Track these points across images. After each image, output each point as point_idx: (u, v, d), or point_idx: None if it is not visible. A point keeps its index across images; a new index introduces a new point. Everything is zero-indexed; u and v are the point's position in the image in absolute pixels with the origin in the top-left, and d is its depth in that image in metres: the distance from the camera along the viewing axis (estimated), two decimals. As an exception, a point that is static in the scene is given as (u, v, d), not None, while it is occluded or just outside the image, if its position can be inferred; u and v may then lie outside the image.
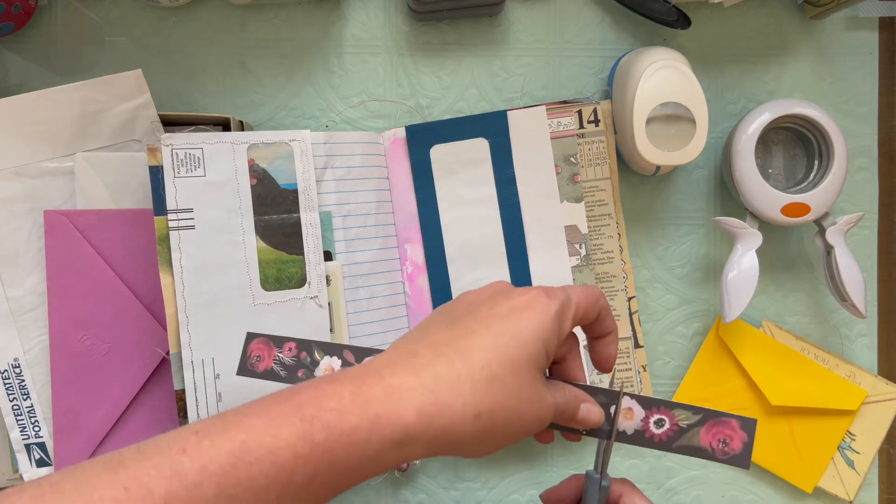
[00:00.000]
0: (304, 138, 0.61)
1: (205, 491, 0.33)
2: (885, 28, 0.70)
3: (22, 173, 0.60)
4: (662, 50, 0.62)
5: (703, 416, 0.44)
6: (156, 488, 0.32)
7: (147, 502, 0.32)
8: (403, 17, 0.69)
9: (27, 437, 0.60)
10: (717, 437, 0.44)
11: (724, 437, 0.44)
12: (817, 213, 0.63)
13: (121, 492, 0.32)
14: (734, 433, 0.44)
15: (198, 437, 0.34)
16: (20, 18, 0.65)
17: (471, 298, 0.43)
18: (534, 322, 0.40)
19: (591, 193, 0.66)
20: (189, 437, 0.34)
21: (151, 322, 0.61)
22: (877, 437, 0.68)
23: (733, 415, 0.43)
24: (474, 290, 0.44)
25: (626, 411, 0.45)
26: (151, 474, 0.33)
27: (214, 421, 0.35)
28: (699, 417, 0.44)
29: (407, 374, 0.37)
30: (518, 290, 0.43)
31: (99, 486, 0.32)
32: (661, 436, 0.45)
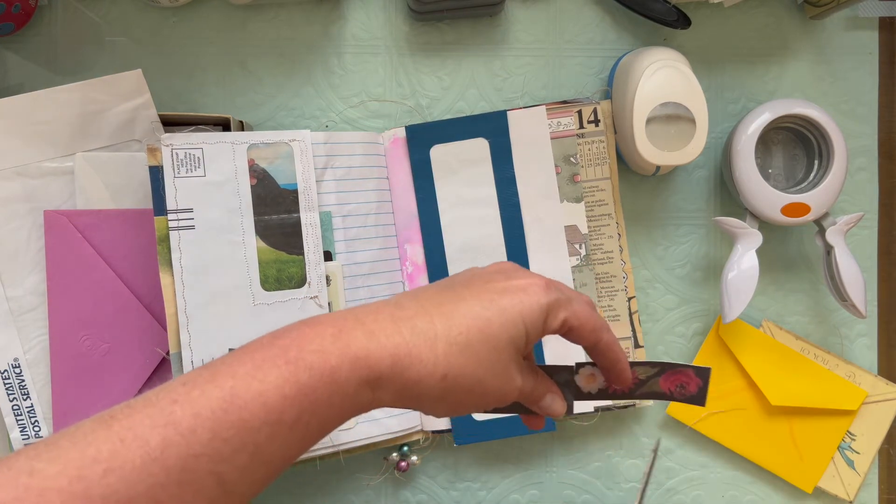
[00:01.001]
0: (304, 138, 0.61)
1: (199, 436, 0.34)
2: (885, 28, 0.70)
3: (22, 173, 0.60)
4: (662, 50, 0.63)
5: (661, 369, 0.48)
6: (151, 437, 0.33)
7: (143, 451, 0.33)
8: (403, 17, 0.69)
9: (27, 437, 0.60)
10: (674, 384, 0.49)
11: (681, 383, 0.49)
12: (817, 213, 0.63)
13: (116, 443, 0.33)
14: (690, 380, 0.48)
15: (187, 388, 0.35)
16: (20, 18, 0.65)
17: (474, 272, 0.45)
18: (523, 305, 0.41)
19: (591, 193, 0.66)
20: (178, 388, 0.35)
21: (151, 322, 0.61)
22: (877, 438, 0.68)
23: (688, 364, 0.48)
24: (480, 266, 0.45)
25: (588, 377, 0.49)
26: (145, 424, 0.33)
27: (201, 371, 0.36)
28: (657, 370, 0.48)
29: (387, 322, 0.39)
30: (520, 272, 0.44)
31: (94, 440, 0.33)
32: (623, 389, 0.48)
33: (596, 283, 0.66)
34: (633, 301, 0.67)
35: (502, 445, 0.69)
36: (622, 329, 0.66)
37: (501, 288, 0.42)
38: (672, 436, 0.70)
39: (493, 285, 0.42)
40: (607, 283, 0.66)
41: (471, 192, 0.65)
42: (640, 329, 0.67)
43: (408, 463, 0.66)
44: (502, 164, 0.65)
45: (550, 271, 0.65)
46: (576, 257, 0.65)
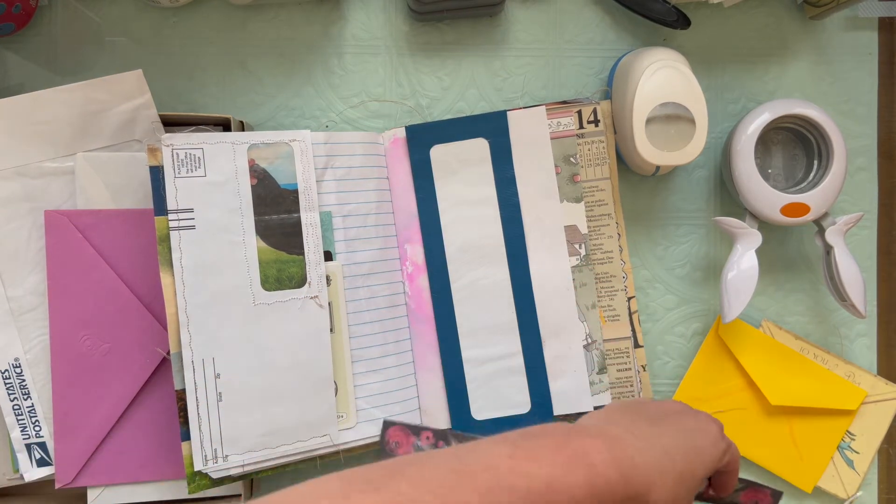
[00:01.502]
0: (304, 138, 0.61)
1: None
2: (885, 28, 0.70)
3: (22, 173, 0.60)
4: (662, 50, 0.63)
5: (746, 485, 0.56)
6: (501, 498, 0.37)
7: None
8: (403, 17, 0.69)
9: (28, 437, 0.61)
10: (752, 499, 0.57)
11: (757, 500, 0.56)
12: (817, 213, 0.63)
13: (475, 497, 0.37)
14: (765, 497, 0.57)
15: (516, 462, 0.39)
16: (20, 19, 0.65)
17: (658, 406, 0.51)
18: (714, 449, 0.48)
19: (591, 193, 0.66)
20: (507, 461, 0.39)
21: (152, 322, 0.61)
22: (876, 437, 0.68)
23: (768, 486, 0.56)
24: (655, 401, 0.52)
25: None
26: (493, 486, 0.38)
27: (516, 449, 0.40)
28: (743, 485, 0.56)
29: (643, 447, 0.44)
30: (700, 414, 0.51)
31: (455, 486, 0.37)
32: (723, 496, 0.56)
33: (596, 283, 0.66)
34: (632, 301, 0.67)
35: (502, 445, 0.69)
36: (622, 329, 0.66)
37: (693, 428, 0.48)
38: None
39: (685, 423, 0.49)
40: (607, 283, 0.66)
41: (471, 192, 0.65)
42: (639, 329, 0.67)
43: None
44: (502, 165, 0.65)
45: (550, 271, 0.65)
46: (575, 257, 0.65)
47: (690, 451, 0.46)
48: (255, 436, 0.58)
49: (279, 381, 0.59)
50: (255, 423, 0.58)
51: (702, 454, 0.47)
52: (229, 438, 0.58)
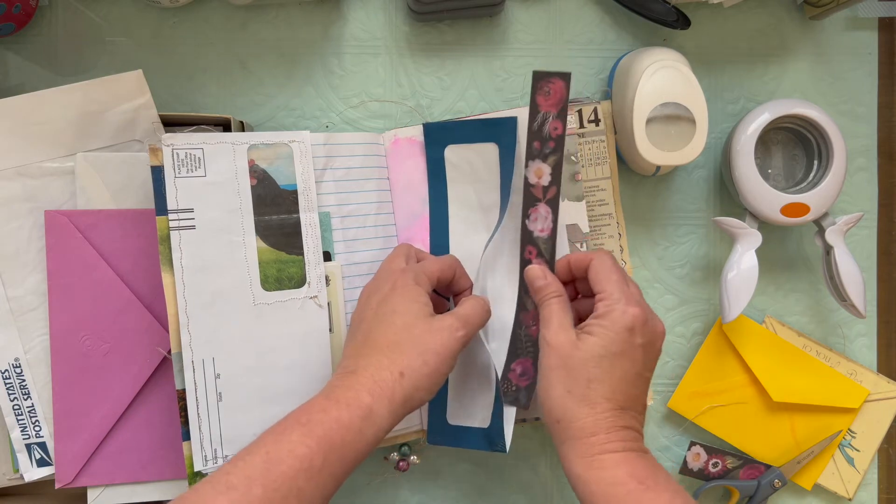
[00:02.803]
0: (304, 139, 0.61)
1: (255, 492, 0.44)
2: (885, 28, 0.70)
3: (23, 173, 0.60)
4: (662, 50, 0.63)
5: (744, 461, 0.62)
6: (218, 500, 0.44)
7: None
8: (403, 17, 0.69)
9: (28, 437, 0.61)
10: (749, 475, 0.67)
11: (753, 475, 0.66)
12: (817, 213, 0.63)
13: None
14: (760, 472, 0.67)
15: (231, 463, 0.46)
16: (21, 19, 0.65)
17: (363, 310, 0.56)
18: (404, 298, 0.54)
19: (592, 193, 0.66)
20: (225, 465, 0.46)
21: (152, 322, 0.61)
22: (877, 436, 0.68)
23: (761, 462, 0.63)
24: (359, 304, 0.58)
25: None
26: (209, 494, 0.44)
27: (239, 454, 0.47)
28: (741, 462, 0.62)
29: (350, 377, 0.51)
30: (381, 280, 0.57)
31: None
32: None
33: (596, 283, 0.66)
34: (632, 301, 0.67)
35: (502, 445, 0.69)
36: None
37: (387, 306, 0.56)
38: (673, 429, 0.70)
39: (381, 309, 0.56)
40: (607, 283, 0.66)
41: (480, 199, 0.65)
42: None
43: (407, 463, 0.66)
44: (508, 169, 0.64)
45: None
46: (576, 257, 0.65)
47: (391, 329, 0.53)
48: (255, 435, 0.58)
49: (279, 381, 0.59)
50: (254, 422, 0.58)
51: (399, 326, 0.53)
52: (229, 438, 0.58)
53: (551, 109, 0.58)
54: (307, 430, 0.47)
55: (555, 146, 0.59)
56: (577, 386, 0.52)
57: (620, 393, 0.52)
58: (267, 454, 0.45)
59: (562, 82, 0.58)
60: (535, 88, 0.58)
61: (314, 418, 0.47)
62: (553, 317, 0.55)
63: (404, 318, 0.53)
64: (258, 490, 0.44)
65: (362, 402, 0.49)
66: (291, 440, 0.46)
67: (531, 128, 0.59)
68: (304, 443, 0.46)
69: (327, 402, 0.49)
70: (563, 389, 0.52)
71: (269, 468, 0.45)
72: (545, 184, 0.59)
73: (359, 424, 0.48)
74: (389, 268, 0.58)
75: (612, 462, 0.50)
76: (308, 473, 0.45)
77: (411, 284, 0.55)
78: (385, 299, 0.54)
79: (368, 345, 0.53)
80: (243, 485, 0.44)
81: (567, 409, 0.52)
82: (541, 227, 0.60)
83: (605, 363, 0.52)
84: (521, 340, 0.61)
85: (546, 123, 0.59)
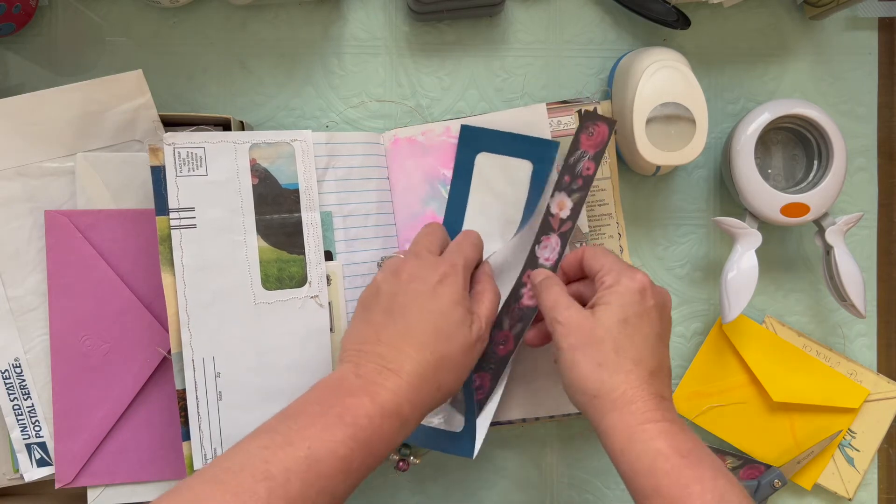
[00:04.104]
0: (305, 138, 0.61)
1: (293, 485, 0.44)
2: (885, 28, 0.70)
3: (23, 173, 0.60)
4: (662, 50, 0.63)
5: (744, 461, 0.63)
6: (259, 490, 0.43)
7: (255, 500, 0.42)
8: (403, 17, 0.69)
9: (28, 437, 0.61)
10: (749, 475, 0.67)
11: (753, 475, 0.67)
12: (817, 213, 0.63)
13: (232, 497, 0.42)
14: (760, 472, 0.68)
15: (271, 451, 0.45)
16: (21, 19, 0.65)
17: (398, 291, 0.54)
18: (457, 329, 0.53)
19: (592, 193, 0.66)
20: (261, 451, 0.45)
21: (152, 322, 0.61)
22: (877, 436, 0.68)
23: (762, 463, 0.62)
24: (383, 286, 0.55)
25: None
26: (249, 481, 0.43)
27: (273, 436, 0.46)
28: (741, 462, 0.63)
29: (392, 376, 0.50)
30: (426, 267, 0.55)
31: (214, 495, 0.43)
32: None
33: (596, 283, 0.66)
34: (633, 301, 0.67)
35: (502, 445, 0.69)
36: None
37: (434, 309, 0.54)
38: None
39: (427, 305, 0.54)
40: (607, 283, 0.66)
41: (500, 211, 0.64)
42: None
43: (407, 463, 0.66)
44: (537, 192, 0.63)
45: (551, 271, 0.65)
46: (576, 257, 0.65)
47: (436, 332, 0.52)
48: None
49: (279, 381, 0.59)
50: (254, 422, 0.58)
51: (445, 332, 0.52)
52: (229, 437, 0.58)
53: (589, 150, 0.60)
54: (352, 432, 0.47)
55: (582, 184, 0.60)
56: (606, 356, 0.51)
57: (647, 356, 0.52)
58: (309, 449, 0.45)
59: (606, 127, 0.59)
60: (581, 127, 0.60)
61: (360, 423, 0.47)
62: (559, 299, 0.55)
63: (449, 327, 0.53)
64: (296, 484, 0.44)
65: (402, 413, 0.50)
66: (335, 440, 0.46)
67: (567, 161, 0.60)
68: (348, 445, 0.46)
69: (373, 405, 0.48)
70: (593, 364, 0.52)
71: (311, 465, 0.45)
72: (563, 217, 0.60)
73: (396, 433, 0.50)
74: (433, 256, 0.56)
75: (654, 433, 0.49)
76: (345, 474, 0.46)
77: (461, 285, 0.54)
78: (434, 293, 0.53)
79: (410, 342, 0.52)
80: (282, 476, 0.44)
81: (603, 381, 0.51)
82: (547, 256, 0.61)
83: (628, 328, 0.52)
84: (487, 357, 0.61)
85: (581, 161, 0.60)
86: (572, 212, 0.60)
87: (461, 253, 0.57)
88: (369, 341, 0.52)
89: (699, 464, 0.49)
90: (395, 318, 0.53)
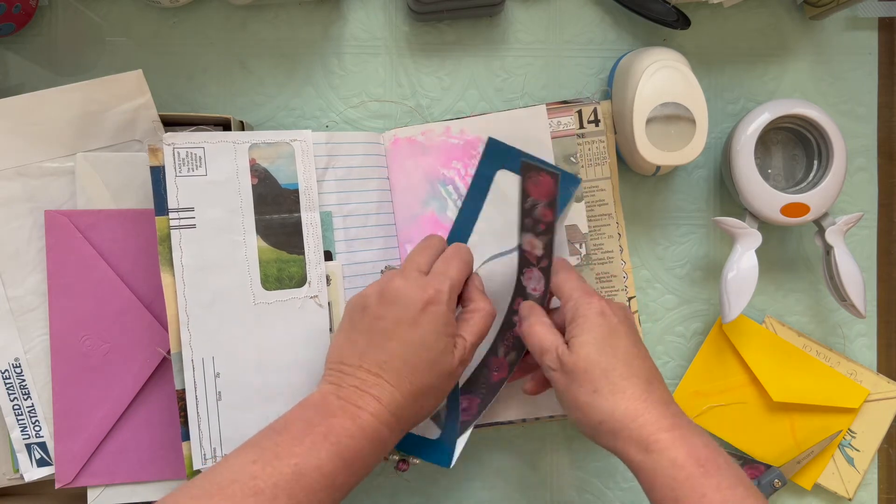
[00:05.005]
0: (305, 138, 0.61)
1: (280, 501, 0.46)
2: (885, 28, 0.70)
3: (23, 173, 0.60)
4: (662, 50, 0.63)
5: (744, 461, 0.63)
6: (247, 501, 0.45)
7: None
8: (403, 17, 0.69)
9: (28, 437, 0.61)
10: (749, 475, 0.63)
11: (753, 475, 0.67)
12: (817, 213, 0.63)
13: None
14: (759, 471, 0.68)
15: (258, 466, 0.47)
16: (21, 19, 0.65)
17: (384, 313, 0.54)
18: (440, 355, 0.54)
19: (591, 193, 0.66)
20: (250, 466, 0.47)
21: (152, 322, 0.61)
22: (877, 436, 0.68)
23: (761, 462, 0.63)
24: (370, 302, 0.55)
25: None
26: (238, 496, 0.45)
27: (261, 452, 0.48)
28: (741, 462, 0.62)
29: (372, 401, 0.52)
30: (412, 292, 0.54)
31: None
32: None
33: (596, 283, 0.66)
34: (633, 301, 0.67)
35: (502, 445, 0.69)
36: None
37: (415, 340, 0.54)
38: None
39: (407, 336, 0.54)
40: (607, 283, 0.66)
41: (510, 229, 0.64)
42: (640, 329, 0.67)
43: (407, 463, 0.66)
44: None
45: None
46: (576, 257, 0.65)
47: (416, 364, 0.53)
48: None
49: (279, 381, 0.59)
50: (254, 422, 0.58)
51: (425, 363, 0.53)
52: (228, 438, 0.58)
53: (541, 199, 0.60)
54: (336, 451, 0.49)
55: (545, 228, 0.61)
56: (598, 383, 0.52)
57: (635, 367, 0.53)
58: (296, 466, 0.47)
59: (551, 179, 0.60)
60: (524, 177, 0.60)
61: (343, 442, 0.49)
62: (543, 341, 0.56)
63: (431, 356, 0.53)
64: (283, 499, 0.46)
65: (382, 436, 0.51)
66: (320, 457, 0.48)
67: (523, 206, 0.61)
68: (333, 462, 0.48)
69: (354, 426, 0.50)
70: (588, 393, 0.52)
71: (297, 480, 0.47)
72: (538, 254, 0.61)
73: (377, 453, 0.52)
74: (421, 277, 0.55)
75: (669, 442, 0.50)
76: (330, 489, 0.48)
77: (444, 312, 0.54)
78: (416, 323, 0.53)
79: (390, 373, 0.52)
80: (270, 491, 0.45)
81: (603, 407, 0.52)
82: (534, 287, 0.62)
83: (606, 350, 0.53)
84: (479, 381, 0.62)
85: (536, 209, 0.61)
86: (545, 251, 0.61)
87: (447, 275, 0.55)
88: (350, 363, 0.53)
89: (717, 472, 0.49)
90: (375, 345, 0.53)
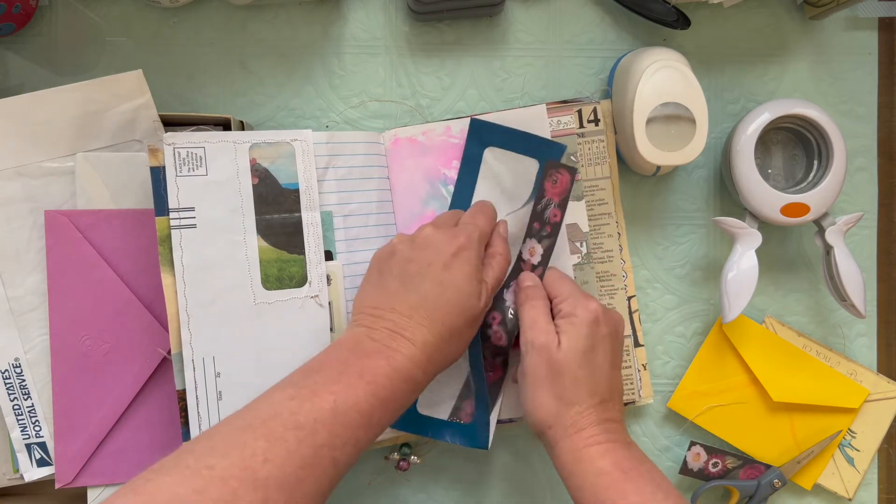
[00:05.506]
0: (306, 138, 0.61)
1: (321, 434, 0.46)
2: (885, 28, 0.70)
3: (23, 173, 0.60)
4: (662, 50, 0.63)
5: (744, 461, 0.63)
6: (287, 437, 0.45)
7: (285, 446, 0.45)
8: (403, 17, 0.69)
9: (28, 437, 0.60)
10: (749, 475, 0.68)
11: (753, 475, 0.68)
12: (817, 213, 0.63)
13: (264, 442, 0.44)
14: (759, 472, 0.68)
15: (297, 402, 0.47)
16: (21, 19, 0.65)
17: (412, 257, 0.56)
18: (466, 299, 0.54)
19: (591, 192, 0.66)
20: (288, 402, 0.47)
21: (152, 322, 0.61)
22: (877, 436, 0.68)
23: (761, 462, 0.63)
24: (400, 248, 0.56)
25: None
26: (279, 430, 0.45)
27: (299, 389, 0.49)
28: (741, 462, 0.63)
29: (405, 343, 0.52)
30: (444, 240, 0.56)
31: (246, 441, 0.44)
32: None
33: (596, 282, 0.66)
34: (633, 300, 0.67)
35: (502, 445, 0.69)
36: (622, 329, 0.66)
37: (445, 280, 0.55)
38: (673, 429, 0.70)
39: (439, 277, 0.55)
40: (607, 282, 0.66)
41: (504, 206, 0.65)
42: (640, 328, 0.67)
43: (408, 462, 0.66)
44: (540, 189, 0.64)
45: (551, 271, 0.65)
46: (577, 255, 0.65)
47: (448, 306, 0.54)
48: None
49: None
50: (255, 422, 0.58)
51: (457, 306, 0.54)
52: (230, 438, 0.58)
53: (555, 197, 0.61)
54: (373, 390, 0.49)
55: (551, 231, 0.62)
56: (564, 389, 0.55)
57: (601, 386, 0.56)
58: (335, 403, 0.48)
59: (568, 175, 0.61)
60: (545, 174, 0.61)
61: (379, 381, 0.50)
62: (539, 317, 0.58)
63: (461, 300, 0.54)
64: (323, 434, 0.46)
65: (415, 378, 0.52)
66: (357, 396, 0.49)
67: (535, 209, 0.62)
68: (369, 401, 0.49)
69: (390, 367, 0.51)
70: (552, 396, 0.56)
71: (336, 417, 0.47)
72: (535, 262, 0.62)
73: (410, 395, 0.52)
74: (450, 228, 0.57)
75: (598, 453, 0.53)
76: (367, 427, 0.49)
77: (475, 258, 0.55)
78: (448, 266, 0.54)
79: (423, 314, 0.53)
80: (310, 426, 0.46)
81: (559, 414, 0.55)
82: None
83: (585, 359, 0.55)
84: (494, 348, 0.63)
85: (548, 209, 0.61)
86: (543, 258, 0.62)
87: (476, 224, 0.58)
88: (382, 307, 0.54)
89: (639, 478, 0.52)
90: (408, 288, 0.54)
